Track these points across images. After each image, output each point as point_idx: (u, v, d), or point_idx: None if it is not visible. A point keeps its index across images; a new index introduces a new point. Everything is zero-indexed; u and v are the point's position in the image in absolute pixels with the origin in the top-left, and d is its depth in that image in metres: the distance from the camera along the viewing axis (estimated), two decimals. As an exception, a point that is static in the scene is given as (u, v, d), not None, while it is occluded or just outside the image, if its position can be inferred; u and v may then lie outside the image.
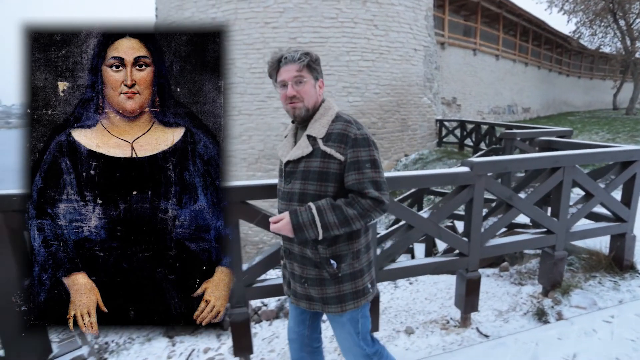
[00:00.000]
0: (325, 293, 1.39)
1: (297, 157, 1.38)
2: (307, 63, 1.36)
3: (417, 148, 11.66)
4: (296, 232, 1.31)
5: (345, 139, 1.33)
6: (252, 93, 9.79)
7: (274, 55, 1.40)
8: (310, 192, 1.35)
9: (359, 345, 1.48)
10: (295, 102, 1.38)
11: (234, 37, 9.74)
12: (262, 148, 9.87)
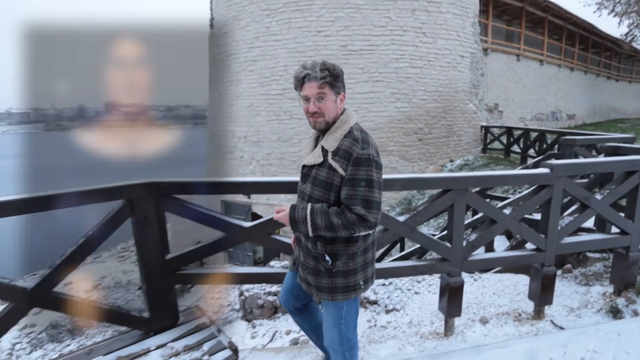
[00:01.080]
0: (319, 282, 1.58)
1: (311, 163, 1.55)
2: (329, 81, 1.48)
3: (462, 154, 11.67)
4: (291, 224, 1.51)
5: (349, 156, 1.45)
6: (304, 98, 10.25)
7: (299, 70, 1.52)
8: (315, 196, 1.51)
9: (338, 328, 1.65)
10: (317, 117, 1.52)
11: (287, 45, 10.30)
12: (312, 151, 10.30)
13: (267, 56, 10.53)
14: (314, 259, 1.56)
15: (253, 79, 10.77)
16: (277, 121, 10.48)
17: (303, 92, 1.53)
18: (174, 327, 2.37)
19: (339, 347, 1.68)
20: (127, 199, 2.11)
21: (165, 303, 2.32)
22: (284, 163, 10.47)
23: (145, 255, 2.19)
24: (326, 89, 1.49)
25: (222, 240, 2.27)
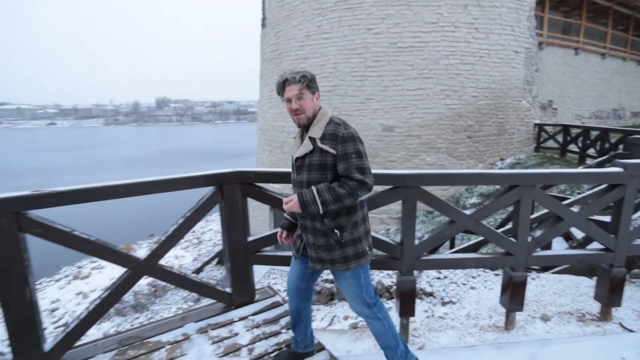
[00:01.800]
0: (333, 255, 1.77)
1: (302, 154, 1.76)
2: (306, 83, 1.74)
3: (513, 152, 11.25)
4: (302, 208, 1.68)
5: (336, 137, 1.69)
6: (352, 95, 10.36)
7: (280, 77, 1.78)
8: (314, 179, 1.72)
9: (360, 296, 1.84)
10: (299, 113, 1.75)
11: (337, 43, 10.45)
12: (359, 147, 10.40)
13: (317, 54, 10.75)
14: (324, 235, 1.76)
15: (303, 76, 11.05)
16: (326, 117, 10.70)
17: (285, 95, 1.77)
18: (252, 303, 2.63)
19: (369, 311, 1.87)
20: (218, 186, 2.37)
21: (245, 280, 2.58)
22: (331, 159, 10.68)
23: (231, 236, 2.44)
24: (304, 90, 1.73)
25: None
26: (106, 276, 13.63)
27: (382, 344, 1.95)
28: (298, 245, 1.92)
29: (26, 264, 1.86)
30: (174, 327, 2.35)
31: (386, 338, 1.91)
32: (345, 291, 1.88)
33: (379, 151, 10.46)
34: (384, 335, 1.91)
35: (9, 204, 1.78)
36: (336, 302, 4.11)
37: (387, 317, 1.92)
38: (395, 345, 1.93)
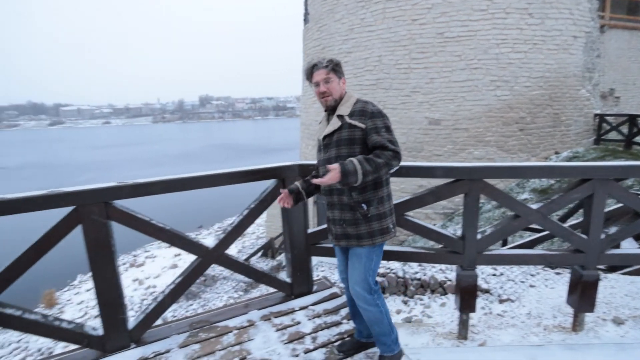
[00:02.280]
0: (359, 230, 1.82)
1: (330, 131, 1.83)
2: (332, 67, 1.84)
3: (570, 145, 10.54)
4: (343, 177, 1.64)
5: (365, 113, 1.77)
6: (397, 88, 10.18)
7: (308, 63, 1.89)
8: (343, 154, 1.78)
9: (366, 279, 1.85)
10: (326, 96, 1.84)
11: (381, 36, 10.30)
12: (404, 141, 10.21)
13: (361, 47, 10.66)
14: (351, 210, 1.81)
15: (347, 70, 11.00)
16: (369, 111, 10.62)
17: (313, 80, 1.87)
18: (310, 294, 2.69)
19: (370, 297, 1.86)
20: (280, 179, 2.44)
21: (304, 271, 2.64)
22: (375, 153, 10.59)
23: (292, 229, 2.51)
24: (331, 74, 1.83)
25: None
26: (158, 265, 14.48)
27: (377, 330, 1.92)
28: (333, 230, 1.93)
29: (113, 249, 2.03)
30: (238, 313, 2.46)
31: (382, 325, 1.90)
32: (353, 271, 1.88)
33: (424, 145, 10.22)
34: (380, 322, 1.89)
35: (99, 194, 1.95)
36: (387, 295, 4.10)
37: (385, 304, 1.94)
38: (389, 332, 1.94)
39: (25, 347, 9.09)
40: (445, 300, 3.66)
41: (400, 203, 2.46)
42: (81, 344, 2.07)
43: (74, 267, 13.13)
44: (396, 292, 4.12)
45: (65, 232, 1.91)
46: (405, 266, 4.31)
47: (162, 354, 2.10)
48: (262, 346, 2.12)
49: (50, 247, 1.89)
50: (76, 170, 40.00)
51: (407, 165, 2.43)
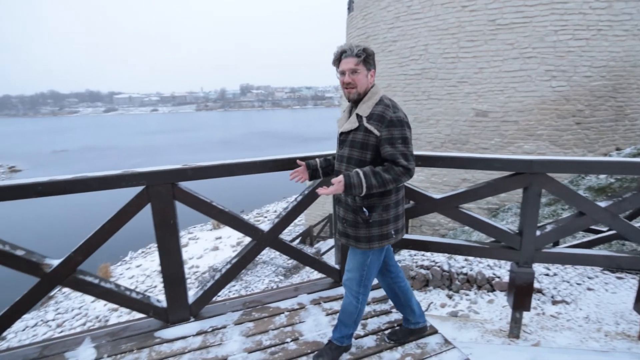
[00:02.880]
0: (358, 233, 1.78)
1: (347, 129, 1.76)
2: (364, 58, 1.71)
3: (634, 141, 9.71)
4: (346, 189, 1.64)
5: (382, 119, 1.66)
6: (443, 78, 9.84)
7: (338, 48, 1.75)
8: (354, 156, 1.72)
9: (359, 271, 1.84)
10: (350, 87, 1.73)
11: (428, 24, 9.96)
12: (449, 133, 9.90)
13: (406, 36, 10.38)
14: (354, 212, 1.78)
15: (392, 59, 10.78)
16: (415, 102, 10.35)
17: (340, 67, 1.75)
18: (358, 281, 2.71)
19: (356, 288, 1.87)
20: (334, 166, 2.46)
21: (353, 259, 2.66)
22: (419, 144, 10.33)
23: (343, 215, 2.53)
24: (360, 66, 1.71)
25: (411, 209, 2.47)
26: (201, 246, 15.15)
27: (342, 317, 1.93)
28: (337, 225, 1.95)
29: (177, 228, 2.16)
30: (289, 296, 2.54)
31: (349, 317, 1.91)
32: (350, 262, 1.89)
33: (470, 137, 9.85)
34: (350, 314, 1.90)
35: (167, 175, 2.07)
36: (431, 288, 4.05)
37: (364, 303, 1.92)
38: (350, 325, 1.93)
39: (85, 313, 9.94)
40: (492, 297, 3.56)
41: (454, 195, 2.41)
42: (147, 313, 2.23)
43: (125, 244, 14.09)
44: (440, 285, 4.06)
45: (137, 210, 2.05)
46: (450, 260, 4.22)
47: (219, 329, 2.21)
48: (313, 329, 2.18)
49: (123, 223, 2.04)
50: (127, 154, 43.06)
51: (463, 157, 2.38)
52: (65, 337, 2.18)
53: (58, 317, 9.90)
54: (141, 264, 13.79)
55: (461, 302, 3.66)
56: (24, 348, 2.09)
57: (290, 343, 2.06)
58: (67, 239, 14.26)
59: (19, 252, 1.88)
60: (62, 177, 1.90)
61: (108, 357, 1.99)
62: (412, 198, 2.46)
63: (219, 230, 16.99)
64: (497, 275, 3.75)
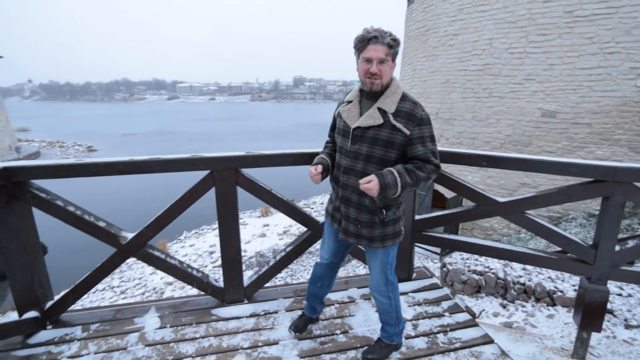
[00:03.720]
0: (373, 233, 1.71)
1: (368, 125, 1.60)
2: (395, 50, 1.57)
3: None
4: (381, 191, 1.51)
5: (413, 117, 1.57)
6: (508, 75, 9.25)
7: (365, 31, 1.55)
8: (376, 155, 1.60)
9: (384, 272, 1.81)
10: (375, 78, 1.57)
11: (494, 16, 9.38)
12: (510, 133, 9.31)
13: (469, 29, 9.87)
14: (370, 213, 1.69)
15: (452, 54, 10.32)
16: (474, 99, 9.84)
17: (366, 54, 1.56)
18: (410, 281, 2.66)
19: (385, 288, 1.83)
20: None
21: (406, 258, 2.61)
22: (476, 143, 9.85)
23: (399, 212, 2.49)
24: (389, 55, 1.56)
25: (472, 211, 2.37)
26: (249, 232, 15.71)
27: (383, 319, 1.92)
28: (338, 218, 1.80)
29: (237, 212, 2.25)
30: (339, 288, 2.55)
31: (390, 316, 1.89)
32: (372, 266, 1.85)
33: (533, 139, 9.19)
34: (389, 313, 1.88)
35: (231, 161, 2.15)
36: (483, 295, 3.87)
37: (397, 297, 1.89)
38: (395, 323, 1.90)
39: (144, 284, 10.78)
40: (553, 312, 3.32)
41: (521, 199, 2.26)
42: (205, 291, 2.36)
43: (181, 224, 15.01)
44: (494, 293, 3.87)
45: (202, 193, 2.17)
46: (507, 267, 4.00)
47: (270, 313, 2.29)
48: (363, 324, 2.18)
49: (189, 204, 2.17)
50: (186, 138, 46.05)
51: (533, 159, 2.21)
52: (134, 304, 2.38)
53: (122, 284, 10.84)
54: (194, 243, 14.63)
55: (516, 313, 3.46)
56: (100, 309, 2.31)
57: (340, 335, 2.08)
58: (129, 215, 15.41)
59: (101, 223, 2.07)
60: (139, 157, 2.05)
61: (170, 327, 2.14)
62: (474, 200, 2.34)
63: (267, 217, 17.51)
64: (559, 289, 3.49)
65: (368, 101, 1.66)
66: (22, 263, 1.96)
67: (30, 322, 2.03)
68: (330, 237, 1.91)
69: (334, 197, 1.82)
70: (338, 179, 1.74)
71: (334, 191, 1.82)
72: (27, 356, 1.91)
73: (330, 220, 1.86)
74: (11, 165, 1.87)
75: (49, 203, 1.97)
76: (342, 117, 1.70)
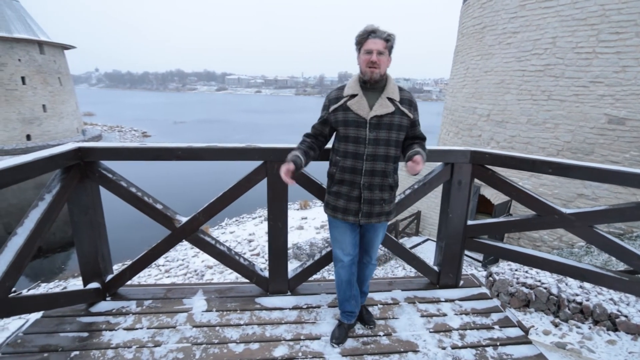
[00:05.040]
0: (391, 207, 1.93)
1: (383, 113, 1.78)
2: (391, 44, 1.78)
3: None
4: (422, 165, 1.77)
5: (412, 103, 1.88)
6: (571, 77, 8.60)
7: (365, 28, 1.77)
8: (393, 138, 1.80)
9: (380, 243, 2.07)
10: (375, 67, 1.76)
11: (560, 13, 8.74)
12: (569, 140, 8.68)
13: (531, 27, 9.27)
14: (391, 189, 1.89)
15: (509, 53, 9.77)
16: (531, 101, 9.26)
17: (367, 46, 1.76)
18: (456, 288, 2.55)
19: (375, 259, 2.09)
20: (449, 163, 2.32)
21: (455, 263, 2.51)
22: (530, 149, 9.28)
23: (451, 216, 2.39)
24: (386, 49, 1.77)
25: (532, 221, 2.22)
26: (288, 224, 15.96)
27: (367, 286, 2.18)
28: (355, 208, 1.86)
29: (286, 204, 2.26)
30: (382, 289, 2.50)
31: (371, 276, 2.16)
32: (375, 241, 2.01)
33: (596, 147, 8.49)
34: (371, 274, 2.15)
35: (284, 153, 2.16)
36: (532, 310, 3.64)
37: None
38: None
39: (186, 265, 11.31)
40: (614, 337, 3.06)
41: (590, 212, 2.08)
42: (250, 280, 2.41)
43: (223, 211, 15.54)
44: (544, 309, 3.63)
45: (254, 183, 2.20)
46: (560, 283, 3.73)
47: (313, 307, 2.29)
48: (407, 328, 2.12)
49: (242, 193, 2.21)
50: (232, 128, 48.05)
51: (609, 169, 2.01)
52: (182, 285, 2.48)
53: (166, 264, 11.45)
54: (234, 230, 15.11)
55: (570, 334, 3.23)
56: (153, 287, 2.43)
57: (383, 337, 2.04)
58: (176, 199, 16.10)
59: (159, 205, 2.17)
60: (197, 145, 2.12)
61: (216, 311, 2.21)
62: (535, 208, 2.19)
63: (305, 210, 17.69)
64: (622, 313, 3.20)
65: (371, 93, 1.83)
66: (89, 237, 2.10)
67: (93, 292, 2.17)
68: (346, 233, 1.94)
69: (347, 189, 1.86)
70: (357, 167, 1.81)
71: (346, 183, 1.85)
72: (89, 323, 2.05)
73: (342, 216, 1.89)
74: (84, 146, 2.00)
75: (115, 183, 2.09)
76: (352, 109, 1.80)
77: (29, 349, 1.85)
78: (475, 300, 2.43)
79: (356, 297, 2.05)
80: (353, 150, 1.81)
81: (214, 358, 1.84)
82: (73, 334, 1.97)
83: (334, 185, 1.89)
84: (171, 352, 1.87)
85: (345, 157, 1.83)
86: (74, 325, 2.04)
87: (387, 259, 10.29)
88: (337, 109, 1.84)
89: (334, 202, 1.90)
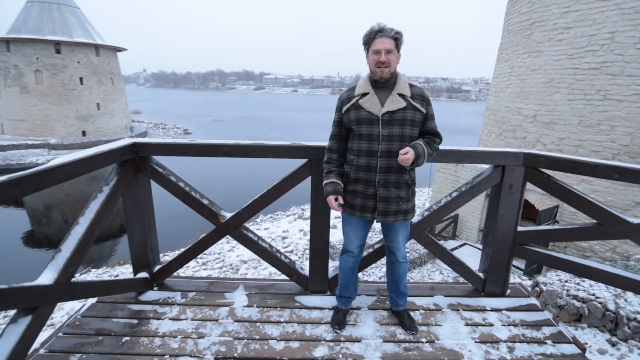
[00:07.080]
0: (409, 206, 1.92)
1: (395, 109, 1.79)
2: (399, 42, 1.79)
3: None
4: (415, 160, 1.78)
5: (424, 98, 1.86)
6: (632, 75, 7.96)
7: (372, 27, 1.79)
8: (407, 133, 1.81)
9: (404, 242, 2.06)
10: (384, 67, 1.77)
11: (621, 5, 8.12)
12: (627, 143, 8.05)
13: (586, 21, 8.67)
14: (407, 187, 1.89)
15: (560, 50, 9.20)
16: (584, 101, 8.68)
17: (374, 47, 1.77)
18: (502, 297, 2.43)
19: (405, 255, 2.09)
20: (501, 165, 2.21)
21: (502, 271, 2.39)
22: (581, 152, 8.69)
23: (500, 222, 2.27)
24: (394, 47, 1.77)
25: (592, 229, 2.06)
26: (321, 223, 16.00)
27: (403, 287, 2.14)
28: (372, 206, 1.88)
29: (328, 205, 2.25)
30: (424, 294, 2.43)
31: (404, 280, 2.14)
32: (401, 239, 2.02)
33: (659, 153, 7.81)
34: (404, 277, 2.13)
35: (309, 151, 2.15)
36: (585, 326, 3.40)
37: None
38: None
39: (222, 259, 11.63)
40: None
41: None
42: (291, 277, 2.42)
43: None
44: (599, 326, 3.38)
45: (298, 181, 2.21)
46: (619, 299, 3.46)
47: (353, 309, 2.26)
48: (451, 336, 2.04)
49: (285, 191, 2.23)
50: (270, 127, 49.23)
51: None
52: (224, 280, 2.54)
53: (203, 256, 11.84)
54: (269, 227, 15.35)
55: (630, 356, 2.99)
56: (196, 279, 2.51)
57: (425, 344, 1.97)
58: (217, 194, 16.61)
59: (205, 200, 2.23)
60: (243, 142, 2.15)
61: (257, 307, 2.23)
62: (596, 217, 2.03)
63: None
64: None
65: (382, 91, 1.85)
66: (140, 228, 2.20)
67: (142, 281, 2.27)
68: (358, 229, 2.03)
69: (362, 188, 1.88)
70: (372, 165, 1.83)
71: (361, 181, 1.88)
72: (138, 311, 2.15)
73: (360, 214, 1.92)
74: (139, 142, 2.09)
75: (165, 178, 2.17)
76: (364, 107, 1.83)
77: (86, 332, 1.96)
78: (524, 311, 2.30)
79: (354, 284, 2.18)
80: (367, 147, 1.84)
81: (255, 354, 1.86)
82: (124, 320, 2.07)
83: (350, 184, 1.92)
84: (214, 345, 1.91)
85: (359, 155, 1.86)
86: (125, 312, 2.14)
87: (422, 261, 10.06)
88: (350, 108, 1.87)
89: (352, 201, 1.93)
